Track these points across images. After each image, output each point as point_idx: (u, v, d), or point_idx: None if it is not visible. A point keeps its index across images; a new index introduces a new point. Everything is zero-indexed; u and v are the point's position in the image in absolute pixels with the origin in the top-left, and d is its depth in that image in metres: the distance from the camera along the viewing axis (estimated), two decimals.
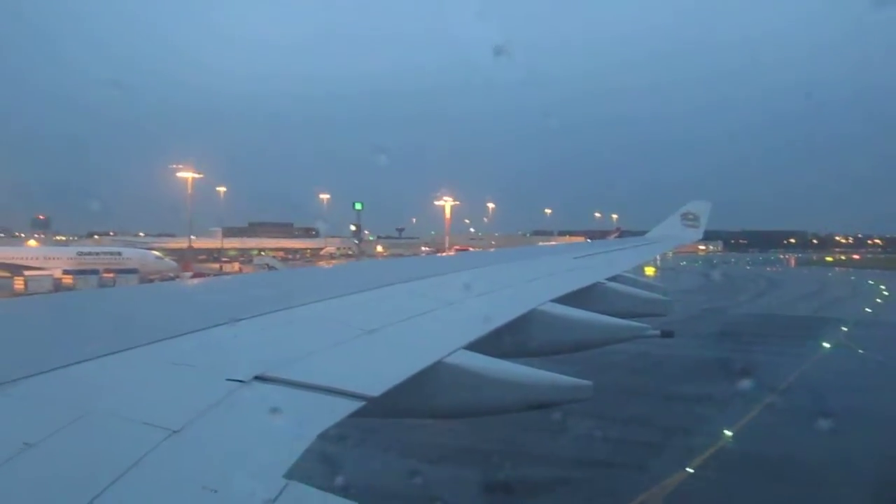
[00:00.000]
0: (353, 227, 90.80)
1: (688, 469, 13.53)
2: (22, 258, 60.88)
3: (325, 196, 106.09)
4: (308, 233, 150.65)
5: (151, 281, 46.68)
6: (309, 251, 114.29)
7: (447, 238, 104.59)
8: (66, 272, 57.23)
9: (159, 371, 2.90)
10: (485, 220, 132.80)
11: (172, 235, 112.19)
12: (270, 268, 61.07)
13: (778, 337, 32.27)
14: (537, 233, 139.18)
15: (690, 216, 19.69)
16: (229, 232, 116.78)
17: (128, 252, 66.20)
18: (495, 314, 5.03)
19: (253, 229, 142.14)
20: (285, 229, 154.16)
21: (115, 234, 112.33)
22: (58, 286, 52.38)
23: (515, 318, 5.16)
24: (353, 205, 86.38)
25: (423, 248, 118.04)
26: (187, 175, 74.06)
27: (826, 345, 29.15)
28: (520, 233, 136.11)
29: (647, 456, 14.58)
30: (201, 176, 76.29)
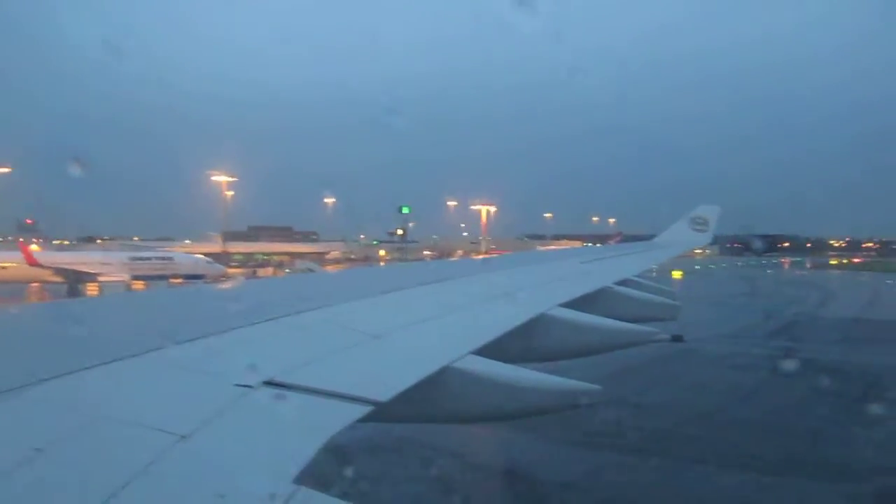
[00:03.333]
0: (399, 231, 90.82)
1: None
2: (77, 263, 60.08)
3: (329, 200, 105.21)
4: (308, 237, 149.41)
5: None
6: (313, 255, 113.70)
7: (483, 242, 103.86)
8: (135, 278, 57.05)
9: (168, 376, 2.90)
10: (483, 222, 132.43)
11: (171, 239, 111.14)
12: (310, 272, 61.15)
13: None
14: (531, 237, 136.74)
15: (699, 220, 19.58)
16: (229, 236, 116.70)
17: (179, 257, 65.93)
18: (503, 319, 5.02)
19: (253, 233, 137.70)
20: (285, 233, 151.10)
21: (112, 239, 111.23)
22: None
23: (524, 323, 5.14)
24: (400, 209, 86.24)
25: (425, 253, 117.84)
26: (221, 178, 73.53)
27: None
28: (514, 237, 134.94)
29: None
30: (235, 179, 75.55)
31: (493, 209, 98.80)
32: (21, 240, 64.77)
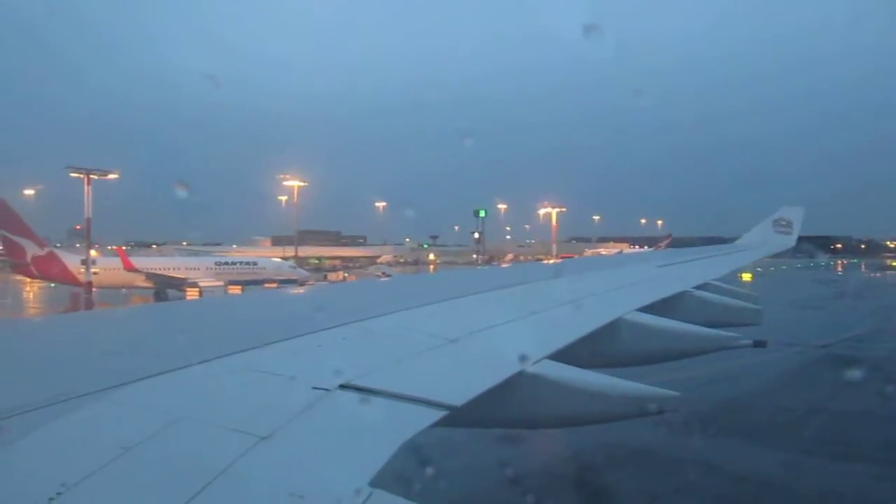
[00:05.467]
0: (476, 235, 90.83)
1: None
2: (165, 268, 61.54)
3: (380, 203, 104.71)
4: (355, 240, 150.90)
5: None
6: (366, 259, 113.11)
7: (554, 245, 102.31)
8: (231, 283, 58.00)
9: (249, 379, 2.97)
10: (526, 227, 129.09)
11: (219, 244, 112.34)
12: (386, 276, 61.13)
13: None
14: (576, 239, 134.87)
15: (783, 222, 18.86)
16: (278, 240, 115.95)
17: (263, 262, 66.69)
18: (580, 323, 4.94)
19: (302, 237, 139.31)
20: (333, 237, 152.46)
21: (164, 244, 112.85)
22: None
23: (600, 328, 5.05)
24: (477, 212, 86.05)
25: (473, 256, 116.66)
26: (294, 183, 75.32)
27: None
28: (563, 240, 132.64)
29: None
30: (306, 184, 77.17)
31: (556, 211, 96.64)
32: (120, 247, 67.29)
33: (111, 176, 57.69)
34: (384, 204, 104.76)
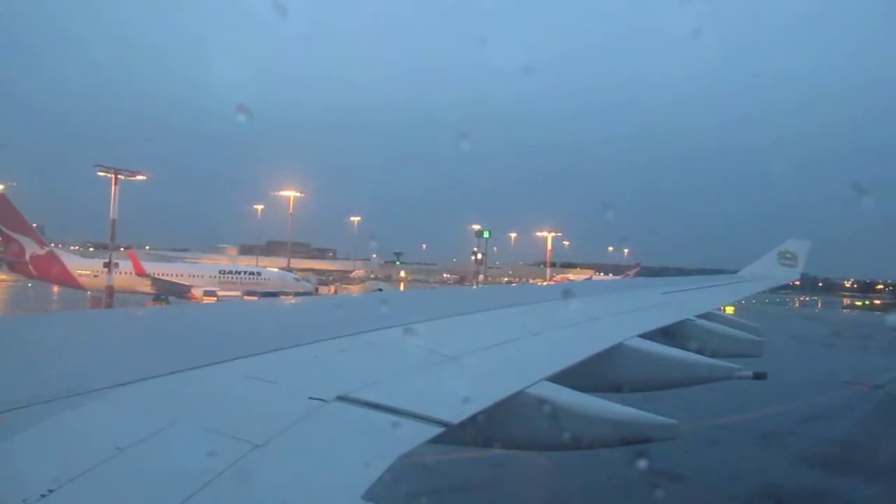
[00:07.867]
0: (478, 256, 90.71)
1: None
2: (169, 274, 60.07)
3: (354, 218, 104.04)
4: (324, 253, 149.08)
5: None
6: (337, 273, 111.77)
7: (548, 269, 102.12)
8: (248, 293, 56.65)
9: (246, 386, 2.96)
10: (495, 249, 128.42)
11: (186, 250, 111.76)
12: (381, 291, 60.61)
13: None
14: (542, 263, 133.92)
15: (788, 255, 18.74)
16: (246, 250, 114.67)
17: (266, 272, 65.54)
18: (580, 347, 4.93)
19: (271, 248, 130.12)
20: (303, 249, 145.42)
21: (129, 247, 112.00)
22: None
23: (600, 352, 5.03)
24: (481, 233, 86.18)
25: (445, 276, 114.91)
26: (290, 194, 75.49)
27: None
28: (521, 263, 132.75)
29: None
30: (303, 195, 77.20)
31: (553, 235, 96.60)
32: (131, 250, 66.48)
33: (139, 177, 57.19)
34: (358, 218, 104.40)
